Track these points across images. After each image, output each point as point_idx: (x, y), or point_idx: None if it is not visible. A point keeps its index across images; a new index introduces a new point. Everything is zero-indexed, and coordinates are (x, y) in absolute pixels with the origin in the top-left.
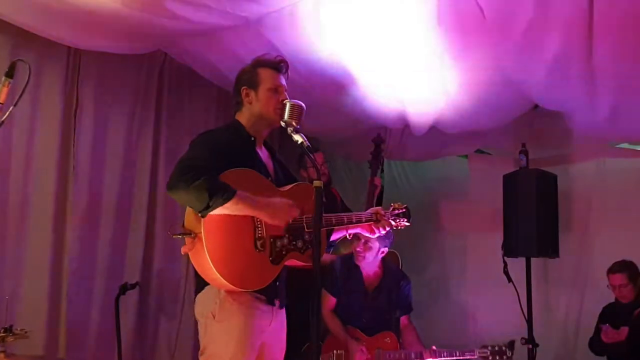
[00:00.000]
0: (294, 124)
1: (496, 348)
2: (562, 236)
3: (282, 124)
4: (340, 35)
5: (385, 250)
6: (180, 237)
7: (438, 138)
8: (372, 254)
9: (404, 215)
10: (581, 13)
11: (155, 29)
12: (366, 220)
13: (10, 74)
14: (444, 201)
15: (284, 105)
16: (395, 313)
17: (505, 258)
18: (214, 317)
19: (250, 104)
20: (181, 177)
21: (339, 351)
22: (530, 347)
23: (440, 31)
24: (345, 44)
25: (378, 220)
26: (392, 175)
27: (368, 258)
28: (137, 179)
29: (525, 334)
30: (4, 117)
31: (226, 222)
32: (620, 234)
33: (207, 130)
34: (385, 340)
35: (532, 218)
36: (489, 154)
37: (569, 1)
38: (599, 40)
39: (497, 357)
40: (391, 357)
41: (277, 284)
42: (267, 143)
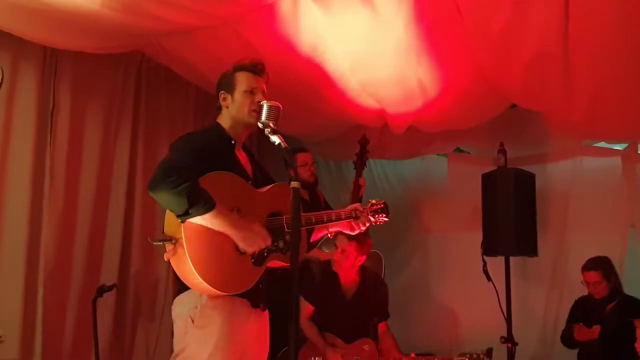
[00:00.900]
0: (271, 125)
1: (474, 355)
2: (540, 234)
3: (260, 125)
4: (318, 35)
5: (363, 258)
6: (160, 243)
7: (417, 137)
8: (350, 262)
9: (382, 210)
10: (558, 13)
11: (132, 29)
12: (345, 217)
13: None
14: (423, 200)
15: (261, 106)
16: (373, 320)
17: (484, 257)
18: (193, 322)
19: (228, 107)
20: (165, 178)
21: (317, 359)
22: (510, 345)
23: (418, 31)
24: (324, 44)
25: (357, 216)
26: (372, 174)
27: (346, 266)
28: (114, 180)
29: (505, 332)
30: None
31: (207, 226)
32: (597, 232)
33: (189, 133)
34: (364, 347)
35: (511, 217)
36: (467, 153)
37: (545, 2)
38: (576, 41)
39: None
40: None
41: (260, 286)
42: (246, 146)
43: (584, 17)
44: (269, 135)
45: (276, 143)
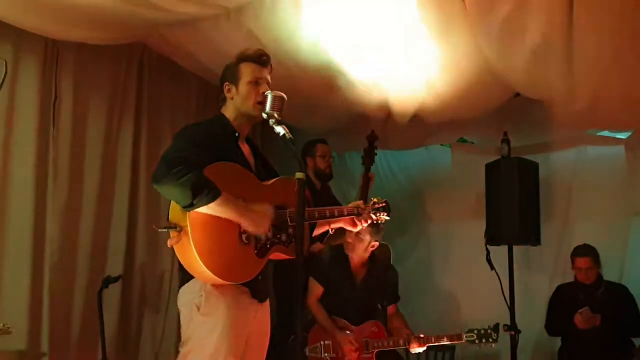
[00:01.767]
0: (276, 115)
1: (482, 331)
2: (543, 223)
3: (264, 115)
4: (321, 24)
5: (376, 244)
6: (165, 230)
7: (421, 127)
8: (363, 245)
9: (384, 209)
10: (561, 2)
11: (134, 20)
12: (348, 214)
13: None
14: (427, 190)
15: (265, 96)
16: (383, 302)
17: (487, 246)
18: (199, 310)
19: (232, 98)
20: (168, 170)
21: (326, 342)
22: (513, 333)
23: (422, 21)
24: (327, 33)
25: (359, 214)
26: (376, 164)
27: (359, 249)
28: (118, 171)
29: (508, 320)
30: None
31: (212, 215)
32: (600, 221)
33: (192, 123)
34: (372, 329)
35: (514, 206)
36: (471, 142)
37: None
38: (579, 30)
39: (483, 340)
40: (379, 345)
41: (260, 277)
42: (250, 139)
43: (587, 7)
44: (274, 125)
45: (281, 134)
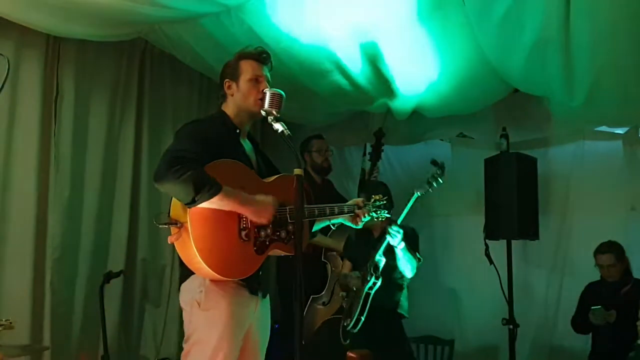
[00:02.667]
0: (274, 112)
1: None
2: (541, 218)
3: (263, 112)
4: (321, 21)
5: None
6: (166, 226)
7: (420, 123)
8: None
9: (384, 207)
10: None
11: (135, 16)
12: (348, 212)
13: None
14: None
15: (264, 94)
16: None
17: (486, 240)
18: (199, 306)
19: (233, 95)
20: (169, 169)
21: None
22: (511, 327)
23: (421, 17)
24: (327, 30)
25: (359, 210)
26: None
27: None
28: (119, 167)
29: (506, 314)
30: None
31: (212, 212)
32: (598, 216)
33: (193, 120)
34: None
35: (513, 201)
36: (471, 138)
37: None
38: (577, 25)
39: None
40: None
41: (260, 273)
42: (251, 135)
43: (584, 3)
44: (272, 122)
45: (279, 130)
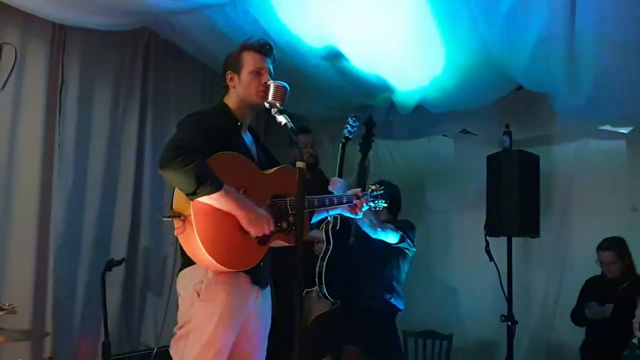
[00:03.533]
0: (278, 105)
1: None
2: (542, 216)
3: (266, 105)
4: (326, 14)
5: None
6: (169, 219)
7: (423, 117)
8: None
9: (381, 196)
10: None
11: (140, 6)
12: (347, 202)
13: None
14: (428, 180)
15: (268, 86)
16: None
17: (487, 237)
18: (199, 296)
19: (235, 87)
20: (175, 157)
21: None
22: (510, 324)
23: (426, 11)
24: (331, 23)
25: (358, 200)
26: (378, 154)
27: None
28: (122, 156)
29: (505, 311)
30: None
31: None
32: (600, 215)
33: (194, 112)
34: None
35: (515, 198)
36: (474, 134)
37: None
38: (582, 23)
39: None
40: None
41: (262, 264)
42: (252, 128)
43: (590, 1)
44: (276, 115)
45: (282, 123)
